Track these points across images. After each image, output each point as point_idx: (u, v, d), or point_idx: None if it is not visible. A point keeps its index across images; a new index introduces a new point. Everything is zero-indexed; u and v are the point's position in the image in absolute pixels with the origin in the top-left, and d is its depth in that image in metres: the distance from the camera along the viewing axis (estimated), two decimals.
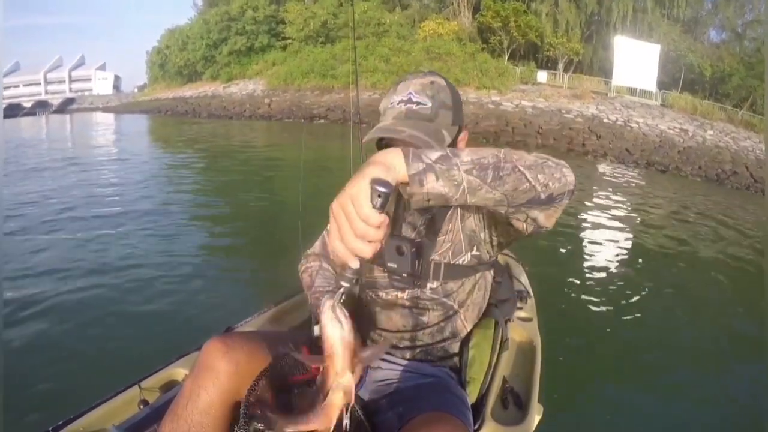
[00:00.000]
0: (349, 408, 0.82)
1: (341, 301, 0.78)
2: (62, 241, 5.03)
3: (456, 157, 0.81)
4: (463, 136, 1.28)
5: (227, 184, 8.89)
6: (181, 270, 4.38)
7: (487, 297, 1.45)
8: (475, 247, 1.31)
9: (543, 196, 0.91)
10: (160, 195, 7.61)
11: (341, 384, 0.80)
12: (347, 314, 0.79)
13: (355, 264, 0.75)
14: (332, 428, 0.83)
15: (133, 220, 5.94)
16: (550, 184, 0.91)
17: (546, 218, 1.07)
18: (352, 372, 0.81)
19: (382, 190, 0.71)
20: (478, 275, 1.36)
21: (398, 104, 1.20)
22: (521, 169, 0.87)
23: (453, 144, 1.21)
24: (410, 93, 1.19)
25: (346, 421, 0.82)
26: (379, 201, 0.72)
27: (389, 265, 1.31)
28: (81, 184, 8.25)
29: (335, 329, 0.78)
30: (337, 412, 0.82)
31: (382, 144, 1.21)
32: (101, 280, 4.07)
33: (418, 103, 1.18)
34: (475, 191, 0.83)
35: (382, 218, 0.72)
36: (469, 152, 0.83)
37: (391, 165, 0.76)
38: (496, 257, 1.40)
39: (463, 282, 1.33)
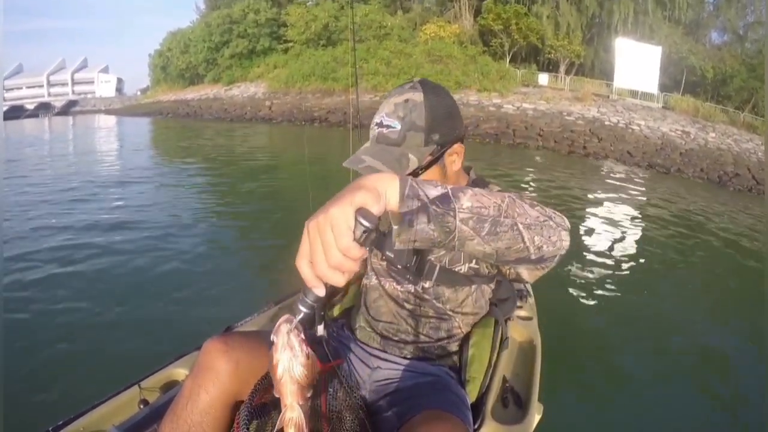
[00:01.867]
0: None
1: (297, 326, 0.75)
2: (62, 241, 5.04)
3: (456, 200, 0.74)
4: (458, 149, 1.24)
5: (227, 185, 8.93)
6: (181, 270, 4.40)
7: (485, 308, 1.44)
8: (474, 260, 1.31)
9: (533, 258, 0.86)
10: (160, 196, 7.63)
11: (292, 419, 0.77)
12: (303, 340, 0.75)
13: (320, 292, 0.70)
14: None
15: (133, 220, 5.96)
16: (544, 247, 0.86)
17: (529, 275, 1.09)
18: (302, 403, 0.77)
19: (367, 225, 0.65)
20: (473, 287, 1.36)
21: (374, 126, 1.19)
22: (520, 227, 0.81)
23: (434, 162, 1.19)
24: (382, 115, 1.17)
25: None
26: (362, 236, 0.66)
27: (387, 253, 1.30)
28: (82, 185, 8.26)
29: (285, 357, 0.74)
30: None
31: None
32: (101, 279, 4.09)
33: (387, 127, 1.16)
34: (465, 241, 0.76)
35: (362, 252, 0.66)
36: (471, 196, 0.76)
37: (383, 194, 0.70)
38: (496, 273, 1.39)
39: (456, 290, 1.33)
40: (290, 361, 0.73)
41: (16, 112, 49.13)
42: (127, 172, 9.80)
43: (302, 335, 0.75)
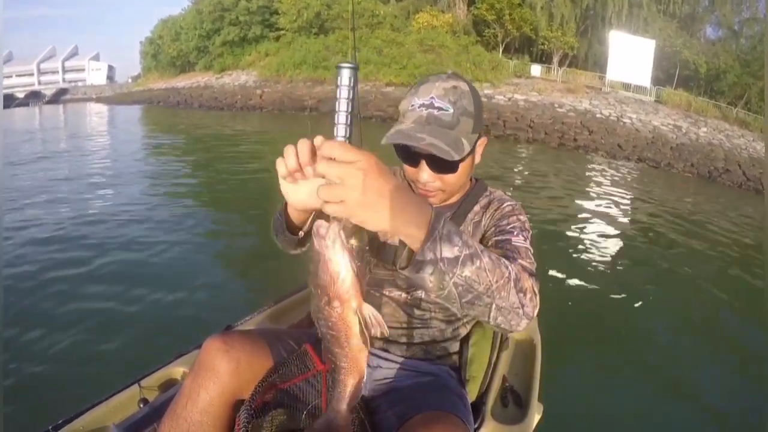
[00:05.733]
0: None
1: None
2: (61, 241, 4.98)
3: (461, 266, 0.80)
4: (482, 142, 1.26)
5: (224, 182, 8.85)
6: (181, 268, 4.37)
7: None
8: None
9: (490, 323, 0.92)
10: (157, 194, 7.54)
11: (372, 314, 0.76)
12: (348, 238, 0.73)
13: None
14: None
15: (132, 219, 5.90)
16: (501, 325, 0.91)
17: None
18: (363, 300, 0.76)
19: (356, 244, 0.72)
20: None
21: (419, 108, 1.14)
22: (493, 308, 0.87)
23: (472, 151, 1.19)
24: (432, 97, 1.13)
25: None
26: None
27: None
28: (78, 183, 8.15)
29: (346, 258, 0.72)
30: (365, 355, 0.81)
31: (399, 146, 1.17)
32: (100, 278, 4.06)
33: (439, 109, 1.12)
34: (446, 299, 0.83)
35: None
36: (476, 269, 0.81)
37: (411, 233, 0.75)
38: None
39: None
40: (352, 260, 0.72)
41: (6, 101, 48.68)
42: (123, 168, 9.62)
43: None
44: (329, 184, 0.68)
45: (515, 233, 1.17)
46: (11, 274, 4.05)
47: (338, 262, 0.71)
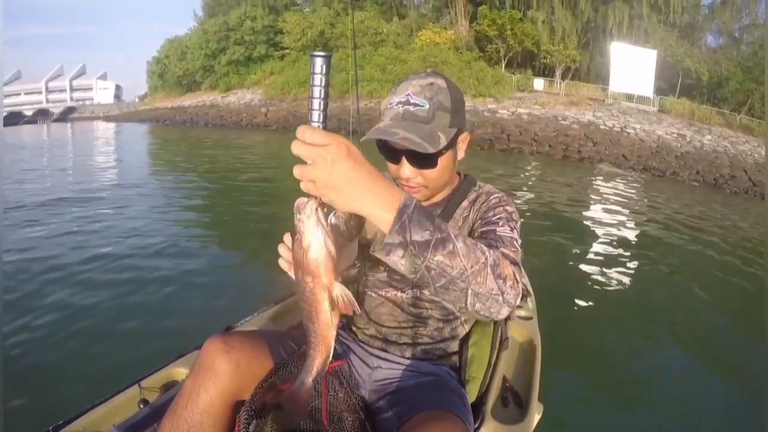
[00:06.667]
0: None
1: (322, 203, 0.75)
2: (63, 242, 5.02)
3: (433, 251, 0.81)
4: (464, 137, 1.27)
5: (226, 186, 8.90)
6: (182, 269, 4.38)
7: None
8: None
9: (469, 309, 0.92)
10: (160, 197, 7.63)
11: (342, 295, 0.77)
12: (326, 215, 0.76)
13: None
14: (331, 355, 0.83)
15: (133, 221, 5.95)
16: (482, 312, 0.92)
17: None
18: (336, 281, 0.77)
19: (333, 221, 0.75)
20: None
21: (396, 105, 1.17)
22: (469, 293, 0.88)
23: (451, 145, 1.20)
24: (408, 94, 1.16)
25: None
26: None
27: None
28: (82, 189, 8.21)
29: (319, 234, 0.74)
30: (333, 333, 0.81)
31: (380, 143, 1.20)
32: (101, 280, 4.07)
33: (415, 105, 1.14)
34: (420, 281, 0.85)
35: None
36: (448, 254, 0.83)
37: (379, 216, 0.77)
38: None
39: None
40: (325, 237, 0.74)
41: (14, 119, 49.24)
42: (126, 178, 9.74)
43: (325, 209, 0.76)
44: (303, 165, 0.72)
45: (501, 224, 1.18)
46: (12, 275, 4.07)
47: (311, 237, 0.74)
